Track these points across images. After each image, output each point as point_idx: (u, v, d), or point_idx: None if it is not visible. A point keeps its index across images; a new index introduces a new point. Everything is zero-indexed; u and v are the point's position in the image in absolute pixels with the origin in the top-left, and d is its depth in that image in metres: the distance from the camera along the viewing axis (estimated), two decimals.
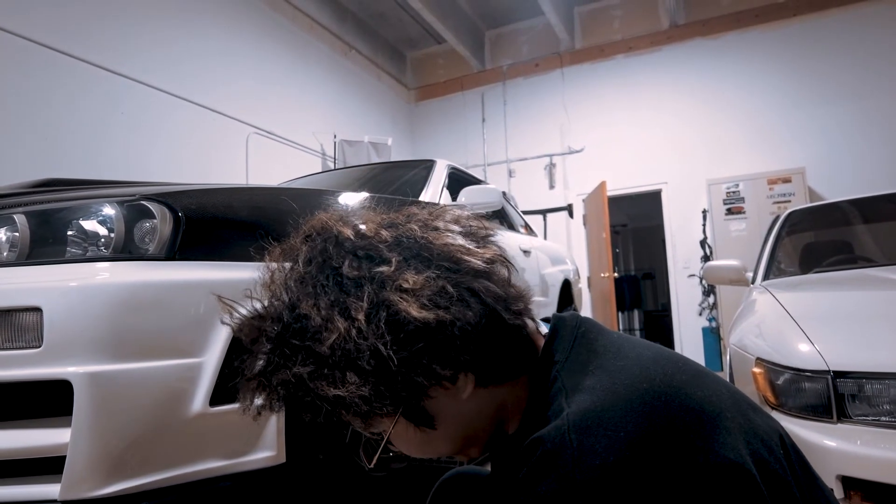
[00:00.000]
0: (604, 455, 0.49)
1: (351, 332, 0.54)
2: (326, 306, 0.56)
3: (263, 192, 1.53)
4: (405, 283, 0.56)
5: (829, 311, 1.62)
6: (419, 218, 0.65)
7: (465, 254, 0.60)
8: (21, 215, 1.20)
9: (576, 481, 0.49)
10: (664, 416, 0.52)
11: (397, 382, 0.55)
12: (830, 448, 1.18)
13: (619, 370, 0.57)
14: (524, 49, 7.47)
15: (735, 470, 0.50)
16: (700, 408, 0.54)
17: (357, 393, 0.54)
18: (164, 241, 1.21)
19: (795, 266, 2.63)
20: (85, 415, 1.04)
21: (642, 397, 0.53)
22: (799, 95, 5.97)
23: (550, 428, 0.53)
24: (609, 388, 0.55)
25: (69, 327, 1.07)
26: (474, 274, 0.59)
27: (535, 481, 0.51)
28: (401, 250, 0.59)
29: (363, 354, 0.54)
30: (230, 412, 1.24)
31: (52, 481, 1.06)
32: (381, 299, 0.55)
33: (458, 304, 0.56)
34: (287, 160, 5.39)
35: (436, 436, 0.62)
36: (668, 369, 0.58)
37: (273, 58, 5.48)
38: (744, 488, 0.50)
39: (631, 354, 0.60)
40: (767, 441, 0.56)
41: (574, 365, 0.60)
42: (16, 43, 3.34)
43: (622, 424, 0.51)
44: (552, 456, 0.51)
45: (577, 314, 0.69)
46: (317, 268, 0.59)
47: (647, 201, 7.25)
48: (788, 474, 0.55)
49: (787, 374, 1.32)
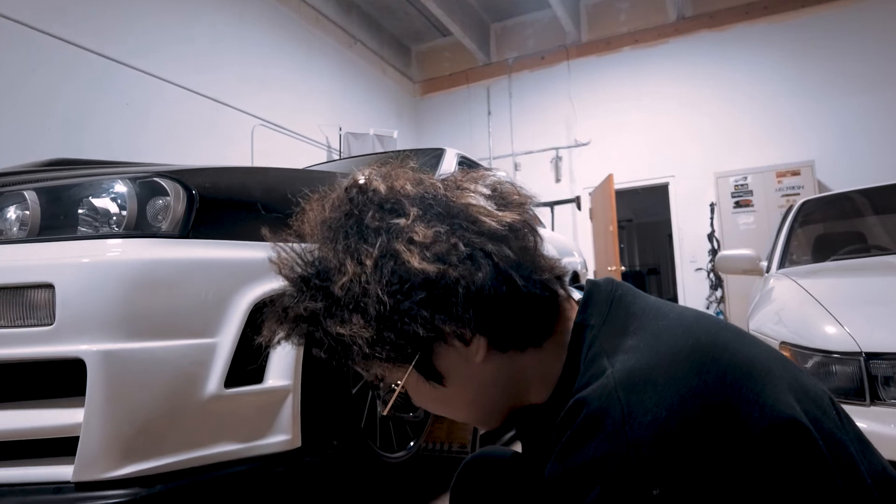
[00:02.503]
0: (655, 411, 0.47)
1: (360, 277, 0.56)
2: (342, 250, 0.57)
3: (277, 173, 1.50)
4: (415, 236, 0.56)
5: (854, 295, 1.59)
6: (451, 178, 0.64)
7: (483, 215, 0.59)
8: (32, 192, 1.17)
9: (627, 439, 0.46)
10: (714, 372, 0.49)
11: (397, 330, 0.56)
12: (864, 431, 1.14)
13: (661, 330, 0.55)
14: (530, 42, 7.43)
15: (791, 425, 0.48)
16: (749, 363, 0.52)
17: (360, 334, 0.56)
18: (178, 219, 1.18)
19: (809, 255, 2.60)
20: (98, 394, 1.02)
21: (690, 353, 0.51)
22: (808, 88, 5.93)
23: (594, 387, 0.51)
24: (653, 347, 0.53)
25: (82, 305, 1.04)
26: (490, 236, 0.57)
27: (583, 443, 0.49)
28: (421, 205, 0.59)
29: (369, 299, 0.55)
30: (245, 394, 1.21)
31: (66, 462, 1.03)
32: (389, 248, 0.56)
33: (467, 263, 0.55)
34: (292, 152, 5.37)
35: (449, 395, 0.62)
36: (711, 328, 0.56)
37: (279, 50, 5.45)
38: (801, 444, 0.48)
39: (672, 315, 0.58)
40: (818, 401, 0.54)
41: (612, 328, 0.58)
42: (21, 32, 3.31)
43: (671, 380, 0.49)
44: (599, 415, 0.49)
45: (613, 279, 0.66)
46: (342, 214, 0.60)
47: (652, 196, 7.22)
48: (843, 434, 0.53)
49: (817, 357, 1.29)
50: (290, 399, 1.28)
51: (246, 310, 1.21)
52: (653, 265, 11.36)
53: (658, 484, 0.45)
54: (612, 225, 5.82)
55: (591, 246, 6.73)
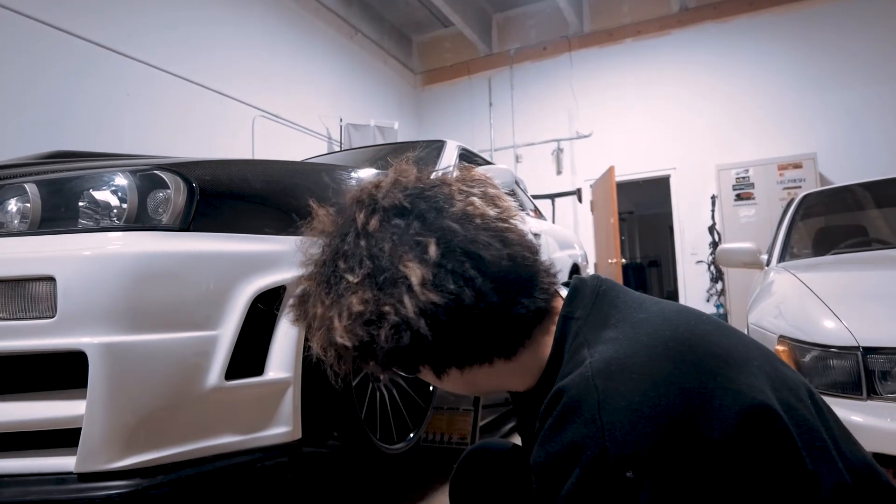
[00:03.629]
0: (629, 397, 0.49)
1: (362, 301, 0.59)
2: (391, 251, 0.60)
3: (278, 166, 1.50)
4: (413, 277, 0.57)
5: (853, 289, 1.59)
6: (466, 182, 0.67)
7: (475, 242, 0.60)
8: (32, 185, 1.17)
9: (602, 423, 0.48)
10: (689, 361, 0.52)
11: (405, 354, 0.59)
12: (860, 424, 1.16)
13: (641, 321, 0.57)
14: (532, 33, 7.39)
15: (762, 411, 0.50)
16: (727, 353, 0.54)
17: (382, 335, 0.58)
18: (179, 211, 1.18)
19: (809, 249, 2.60)
20: (100, 386, 1.02)
21: (666, 343, 0.53)
22: (811, 80, 5.89)
23: (573, 376, 0.53)
24: (632, 337, 0.55)
25: (83, 297, 1.04)
26: (487, 259, 0.60)
27: (561, 429, 0.51)
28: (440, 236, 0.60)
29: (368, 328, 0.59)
30: (246, 386, 1.22)
31: (68, 454, 1.04)
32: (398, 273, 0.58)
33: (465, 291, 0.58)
34: (293, 143, 5.36)
35: (439, 384, 0.67)
36: (691, 320, 0.58)
37: (279, 41, 5.43)
38: (771, 428, 0.49)
39: (653, 308, 0.60)
40: (795, 390, 0.56)
41: (595, 320, 0.60)
42: (22, 22, 3.30)
43: (647, 369, 0.51)
44: (577, 402, 0.51)
45: (598, 275, 0.68)
46: (359, 231, 0.62)
47: (653, 189, 7.20)
48: (818, 422, 0.54)
49: (815, 351, 1.29)
50: (290, 391, 1.28)
51: (246, 302, 1.22)
52: (653, 258, 11.36)
53: (631, 466, 0.46)
54: (613, 217, 5.81)
55: (591, 238, 6.72)
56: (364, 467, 1.55)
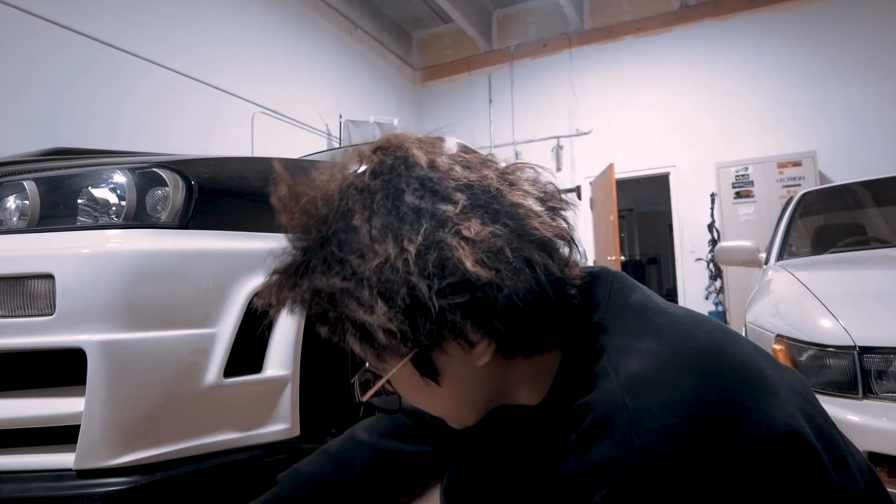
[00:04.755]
0: (662, 417, 0.46)
1: (397, 262, 0.49)
2: (380, 226, 0.51)
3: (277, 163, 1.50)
4: (466, 231, 0.50)
5: (850, 288, 1.60)
6: (496, 167, 0.59)
7: (534, 219, 0.54)
8: (31, 182, 1.17)
9: (633, 445, 0.46)
10: (716, 376, 0.50)
11: (423, 327, 0.50)
12: (856, 424, 1.16)
13: (661, 329, 0.54)
14: (532, 29, 7.37)
15: (791, 434, 0.48)
16: (744, 367, 0.52)
17: (381, 324, 0.50)
18: (177, 209, 1.19)
19: (808, 247, 2.60)
20: (99, 384, 1.03)
21: (692, 358, 0.51)
22: (811, 78, 5.88)
23: (599, 392, 0.51)
24: (657, 350, 0.52)
25: (82, 295, 1.05)
26: (538, 245, 0.53)
27: (587, 447, 0.49)
28: (469, 194, 0.53)
29: (401, 288, 0.49)
30: (244, 384, 1.22)
31: (67, 450, 1.04)
32: (436, 238, 0.50)
33: (511, 271, 0.51)
34: (292, 140, 5.35)
35: (437, 392, 0.58)
36: (706, 328, 0.56)
37: (279, 36, 5.41)
38: (801, 448, 0.48)
39: (668, 311, 0.58)
40: (807, 396, 0.55)
41: (612, 325, 0.57)
42: (19, 17, 3.29)
43: (676, 386, 0.48)
44: (605, 420, 0.48)
45: (607, 269, 0.65)
46: (381, 183, 0.53)
47: (653, 186, 7.19)
48: (832, 428, 0.54)
49: (811, 351, 1.30)
50: (288, 388, 1.29)
51: (245, 300, 1.22)
52: (653, 255, 11.37)
53: (662, 492, 0.45)
54: (612, 214, 5.81)
55: (591, 235, 6.72)
56: None
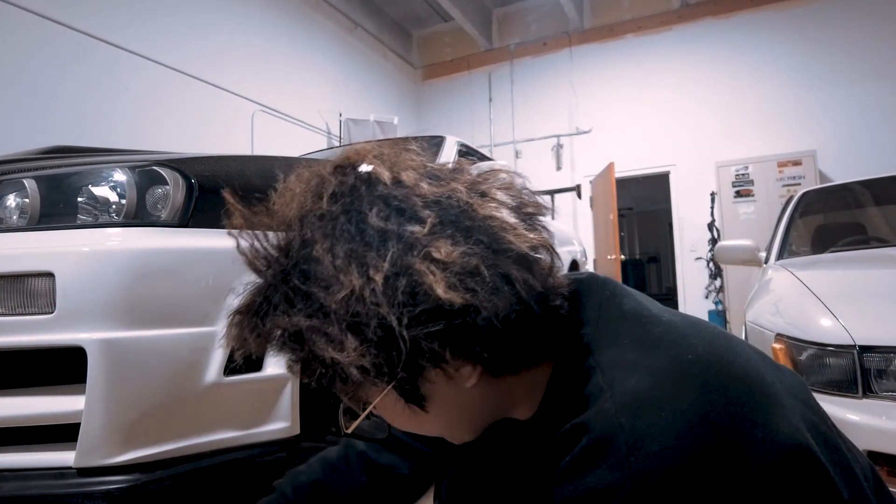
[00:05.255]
0: (661, 439, 0.44)
1: (364, 292, 0.47)
2: (343, 255, 0.48)
3: (277, 161, 1.50)
4: (436, 253, 0.48)
5: (850, 287, 1.60)
6: (466, 178, 0.55)
7: (509, 232, 0.51)
8: (31, 180, 1.17)
9: (632, 471, 0.43)
10: (717, 390, 0.47)
11: (400, 360, 0.48)
12: (856, 423, 1.16)
13: (657, 340, 0.51)
14: (532, 28, 7.37)
15: (797, 448, 0.46)
16: (746, 375, 0.49)
17: (353, 360, 0.47)
18: (177, 207, 1.18)
19: (808, 246, 2.60)
20: (99, 382, 1.03)
21: (692, 371, 0.48)
22: (811, 77, 5.88)
23: (594, 412, 0.48)
24: (654, 365, 0.49)
25: (82, 293, 1.05)
26: (515, 259, 0.50)
27: (582, 472, 0.46)
28: (438, 211, 0.50)
29: (371, 320, 0.47)
30: (244, 382, 1.22)
31: (67, 449, 1.04)
32: (404, 264, 0.47)
33: (488, 291, 0.48)
34: (292, 138, 5.35)
35: (427, 418, 0.55)
36: (704, 336, 0.52)
37: (279, 34, 5.41)
38: (808, 463, 0.46)
39: (663, 318, 0.55)
40: (806, 400, 0.53)
41: (605, 336, 0.53)
42: (18, 15, 3.29)
43: (676, 403, 0.45)
44: (602, 443, 0.45)
45: (596, 275, 0.61)
46: (342, 207, 0.51)
47: (653, 185, 7.20)
48: (833, 432, 0.52)
49: (811, 350, 1.30)
50: (288, 387, 1.29)
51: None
52: (653, 254, 11.37)
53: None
54: (612, 213, 5.81)
55: (591, 234, 6.73)
56: None
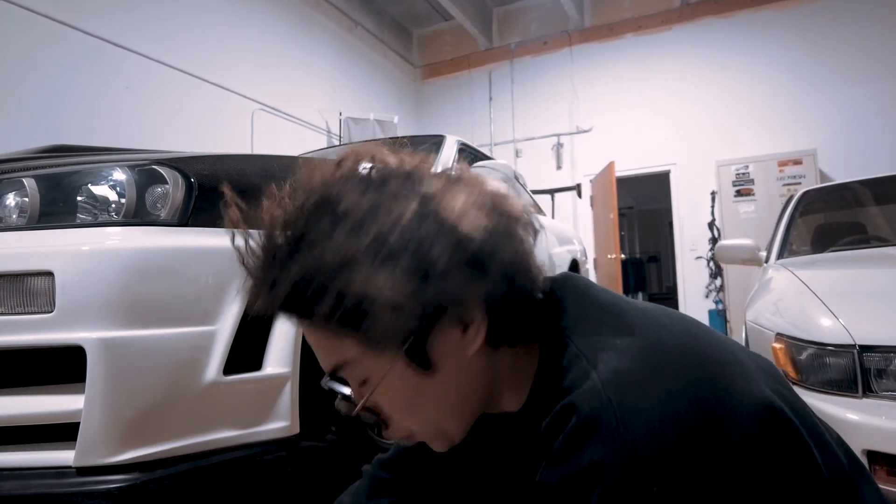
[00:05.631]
0: (647, 410, 0.47)
1: (394, 232, 0.50)
2: (371, 204, 0.52)
3: (276, 160, 1.50)
4: (454, 200, 0.53)
5: (850, 286, 1.60)
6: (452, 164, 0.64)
7: (507, 199, 0.57)
8: (31, 179, 1.17)
9: (624, 440, 0.46)
10: (695, 366, 0.51)
11: (426, 297, 0.50)
12: (855, 422, 1.16)
13: (634, 325, 0.55)
14: (532, 27, 7.36)
15: (769, 410, 0.50)
16: (719, 354, 0.54)
17: (385, 296, 0.49)
18: (177, 206, 1.18)
19: (808, 246, 2.60)
20: (98, 381, 1.03)
21: (671, 350, 0.52)
22: (812, 76, 5.88)
23: (582, 392, 0.50)
24: (634, 345, 0.52)
25: (81, 292, 1.05)
26: (515, 220, 0.57)
27: (577, 449, 0.48)
28: (445, 177, 0.57)
29: (402, 256, 0.50)
30: (244, 381, 1.22)
31: (67, 448, 1.04)
32: (428, 208, 0.52)
33: (499, 235, 0.54)
34: (292, 137, 5.35)
35: (430, 391, 0.56)
36: (679, 322, 0.57)
37: (279, 33, 5.41)
38: (781, 424, 0.50)
39: (638, 307, 0.59)
40: (780, 380, 0.57)
41: (585, 327, 0.56)
42: (19, 14, 3.28)
43: (658, 378, 0.49)
44: (592, 420, 0.48)
45: (569, 273, 0.65)
46: (364, 173, 0.56)
47: (653, 184, 7.19)
48: (807, 408, 0.56)
49: (811, 349, 1.30)
50: (288, 386, 1.29)
51: (245, 297, 1.22)
52: (653, 253, 11.36)
53: (657, 481, 0.46)
54: (612, 212, 5.81)
55: (591, 233, 6.72)
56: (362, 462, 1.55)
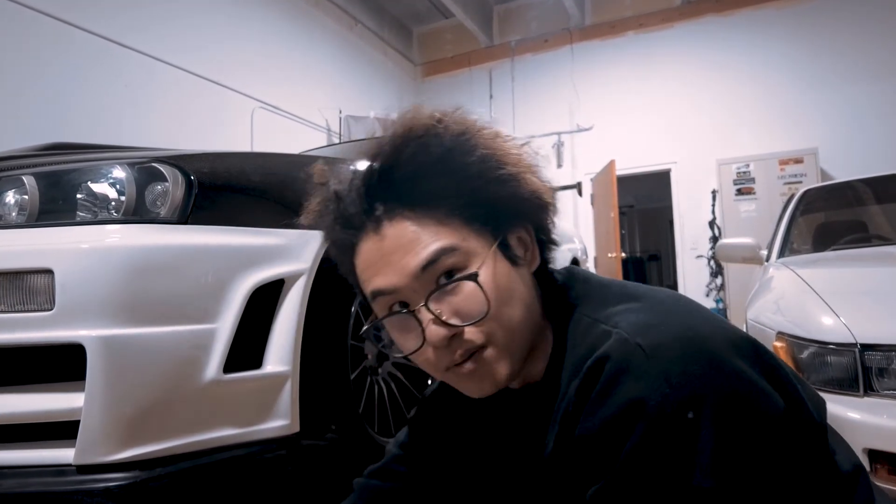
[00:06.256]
0: (670, 346, 0.51)
1: (481, 139, 0.62)
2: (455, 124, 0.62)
3: (276, 158, 1.50)
4: (511, 140, 0.65)
5: (851, 285, 1.59)
6: None
7: (539, 169, 0.66)
8: (30, 177, 1.17)
9: (657, 373, 0.50)
10: (693, 313, 0.57)
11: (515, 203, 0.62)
12: (856, 421, 1.16)
13: (642, 295, 0.61)
14: (533, 25, 7.35)
15: (756, 346, 0.56)
16: (699, 306, 0.60)
17: (492, 189, 0.60)
18: (177, 204, 1.18)
19: (809, 245, 2.60)
20: (98, 379, 1.03)
21: (669, 304, 0.58)
22: (813, 75, 5.87)
23: (611, 343, 0.54)
24: (642, 306, 0.58)
25: (81, 290, 1.04)
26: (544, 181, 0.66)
27: (612, 391, 0.52)
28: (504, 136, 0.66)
29: (501, 166, 0.61)
30: (244, 380, 1.22)
31: (67, 446, 1.04)
32: (507, 146, 0.63)
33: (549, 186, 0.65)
34: (292, 135, 5.35)
35: (515, 285, 0.62)
36: (674, 294, 0.63)
37: (278, 31, 5.40)
38: (768, 359, 0.56)
39: (640, 286, 0.65)
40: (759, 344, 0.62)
41: (593, 302, 0.62)
42: (21, 13, 3.28)
43: (671, 322, 0.54)
44: (624, 362, 0.52)
45: (570, 265, 0.72)
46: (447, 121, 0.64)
47: (654, 183, 7.19)
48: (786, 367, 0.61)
49: (812, 348, 1.30)
50: (288, 384, 1.28)
51: (245, 295, 1.22)
52: (654, 252, 11.35)
53: (691, 407, 0.48)
54: (613, 211, 5.81)
55: (591, 232, 6.72)
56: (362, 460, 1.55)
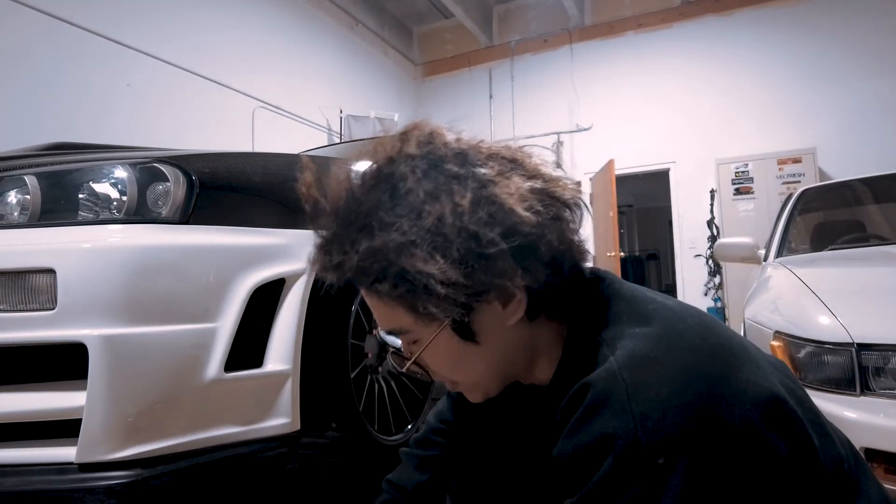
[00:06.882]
0: (657, 387, 0.50)
1: (451, 217, 0.54)
2: (431, 188, 0.56)
3: (277, 158, 1.51)
4: (510, 185, 0.57)
5: (849, 285, 1.60)
6: (506, 144, 0.66)
7: (558, 181, 0.61)
8: (32, 177, 1.18)
9: (633, 413, 0.49)
10: (706, 352, 0.54)
11: (475, 276, 0.55)
12: (853, 420, 1.17)
13: (651, 314, 0.59)
14: (533, 25, 7.34)
15: (772, 398, 0.53)
16: (730, 343, 0.57)
17: (440, 274, 0.53)
18: (178, 204, 1.19)
19: (807, 244, 2.60)
20: (100, 378, 1.03)
21: (683, 336, 0.55)
22: (812, 75, 5.87)
23: (599, 372, 0.54)
24: (649, 332, 0.56)
25: (83, 290, 1.05)
26: (563, 204, 0.60)
27: (590, 420, 0.52)
28: (499, 161, 0.60)
29: (457, 239, 0.54)
30: (245, 378, 1.23)
31: (69, 444, 1.05)
32: (485, 192, 0.56)
33: (550, 218, 0.58)
34: (293, 135, 5.35)
35: (474, 355, 0.62)
36: (692, 312, 0.60)
37: (280, 31, 5.40)
38: (781, 412, 0.53)
39: (658, 299, 0.62)
40: (785, 370, 0.61)
41: (608, 315, 0.61)
42: (22, 12, 3.28)
43: (670, 361, 0.52)
44: (605, 395, 0.52)
45: (596, 267, 0.69)
46: (423, 153, 0.59)
47: (653, 182, 7.19)
48: (808, 397, 0.59)
49: (809, 347, 1.30)
50: (289, 383, 1.29)
51: (246, 295, 1.22)
52: (652, 251, 11.37)
53: (663, 453, 0.48)
54: (612, 210, 5.81)
55: (590, 231, 6.72)
56: (362, 458, 1.56)
